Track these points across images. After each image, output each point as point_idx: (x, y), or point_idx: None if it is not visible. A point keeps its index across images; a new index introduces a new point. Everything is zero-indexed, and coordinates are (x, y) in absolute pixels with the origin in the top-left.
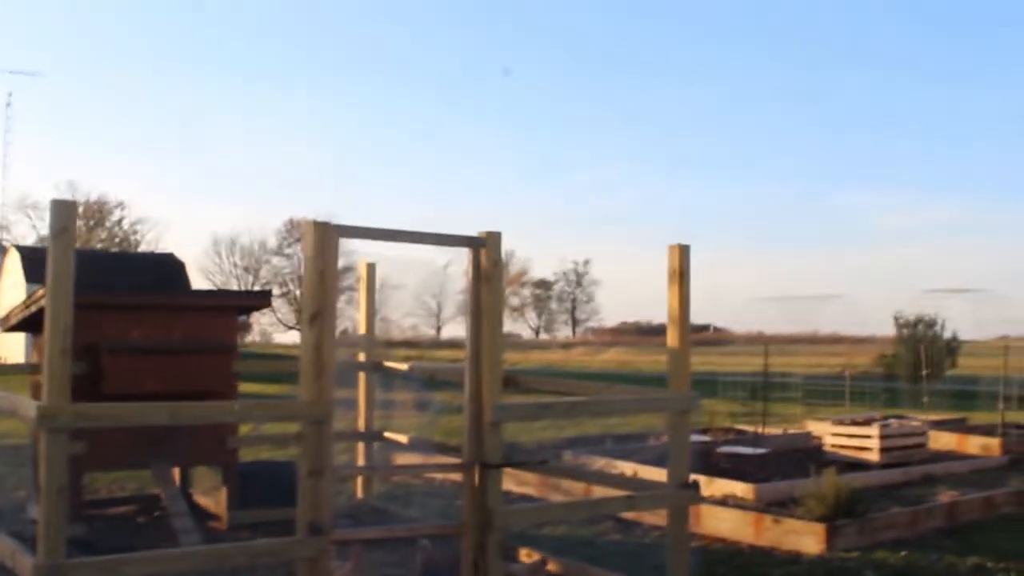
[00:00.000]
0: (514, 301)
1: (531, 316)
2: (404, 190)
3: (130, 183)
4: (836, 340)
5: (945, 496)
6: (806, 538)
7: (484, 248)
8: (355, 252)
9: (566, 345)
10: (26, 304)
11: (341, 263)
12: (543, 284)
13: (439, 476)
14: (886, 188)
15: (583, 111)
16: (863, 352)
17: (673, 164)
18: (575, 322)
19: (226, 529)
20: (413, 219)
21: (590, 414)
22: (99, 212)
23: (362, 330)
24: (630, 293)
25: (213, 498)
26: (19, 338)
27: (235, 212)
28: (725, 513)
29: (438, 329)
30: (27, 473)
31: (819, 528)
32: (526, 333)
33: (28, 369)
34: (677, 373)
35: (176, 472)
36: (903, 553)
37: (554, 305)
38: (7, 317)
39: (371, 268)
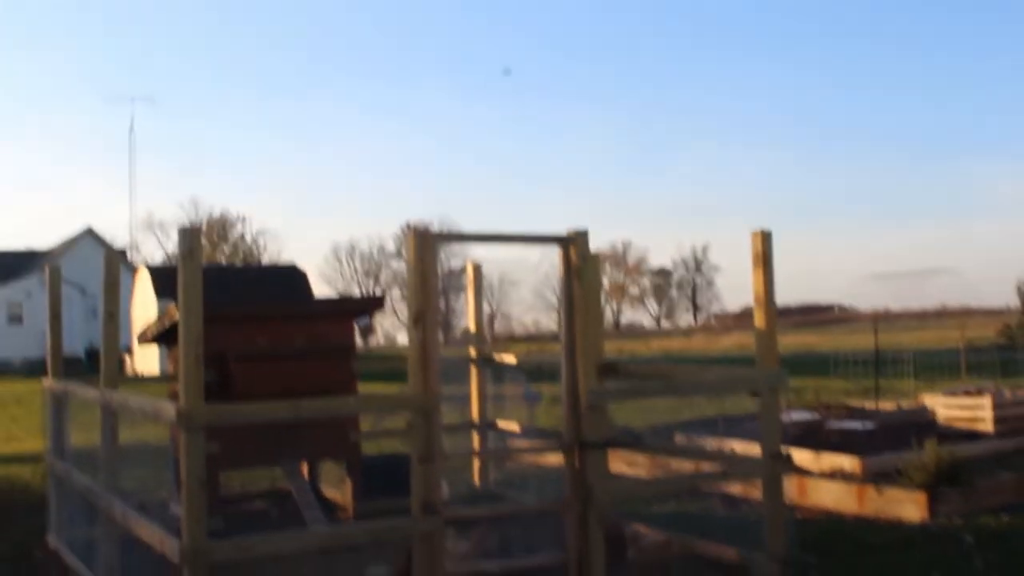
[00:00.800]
0: (634, 290)
1: (651, 304)
2: (521, 185)
3: (250, 197)
4: (964, 313)
5: None
6: (908, 506)
7: (573, 245)
8: (471, 253)
9: (687, 332)
10: (160, 320)
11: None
12: (662, 272)
13: (552, 461)
14: (1003, 156)
15: (690, 92)
16: (986, 324)
17: (786, 143)
18: (696, 308)
19: (352, 518)
20: (531, 214)
21: (679, 394)
22: (222, 227)
23: (472, 328)
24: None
25: (339, 491)
26: (154, 351)
27: (354, 219)
28: (830, 485)
29: (559, 323)
30: (168, 475)
31: (920, 496)
32: (647, 321)
33: (165, 379)
34: (765, 352)
35: (304, 467)
36: (1006, 518)
37: (674, 292)
38: (144, 332)
39: (478, 269)
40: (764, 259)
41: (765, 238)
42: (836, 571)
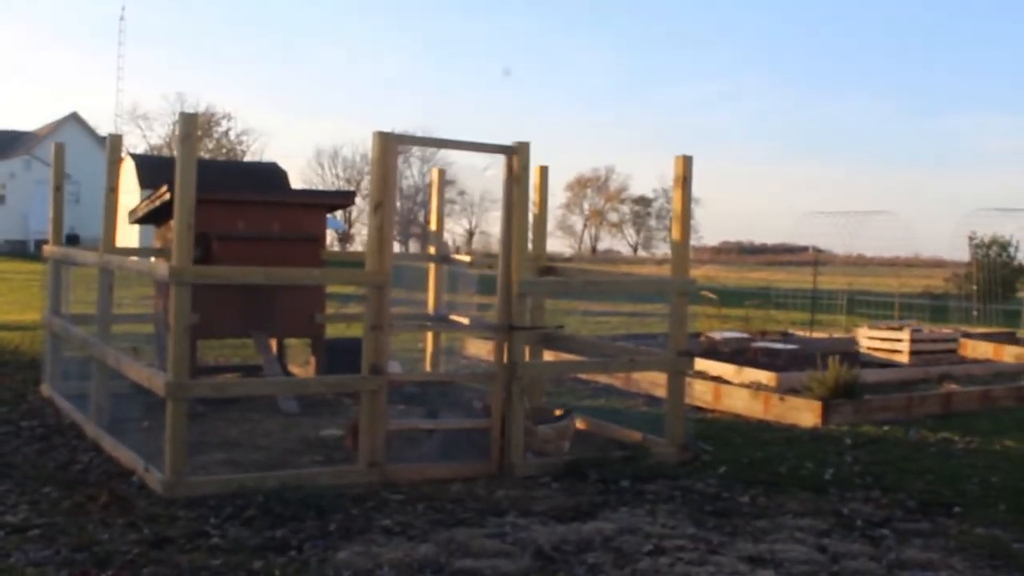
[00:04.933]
0: (613, 217)
1: (630, 232)
2: (502, 102)
3: (236, 95)
4: (937, 264)
5: (945, 387)
6: (805, 414)
7: (516, 155)
8: (455, 164)
9: (661, 262)
10: (151, 200)
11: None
12: (642, 201)
13: None
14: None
15: (685, 24)
16: (936, 274)
17: (777, 78)
18: None
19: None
20: (517, 134)
21: (600, 290)
22: (207, 123)
23: (432, 227)
24: (732, 213)
25: (304, 370)
26: (132, 233)
27: (338, 125)
28: (741, 392)
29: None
30: (151, 349)
31: (816, 405)
32: (625, 249)
33: (153, 253)
34: (678, 261)
35: (273, 344)
36: (885, 428)
37: (653, 222)
38: (135, 210)
39: (441, 173)
40: (684, 180)
41: (686, 161)
42: (725, 457)
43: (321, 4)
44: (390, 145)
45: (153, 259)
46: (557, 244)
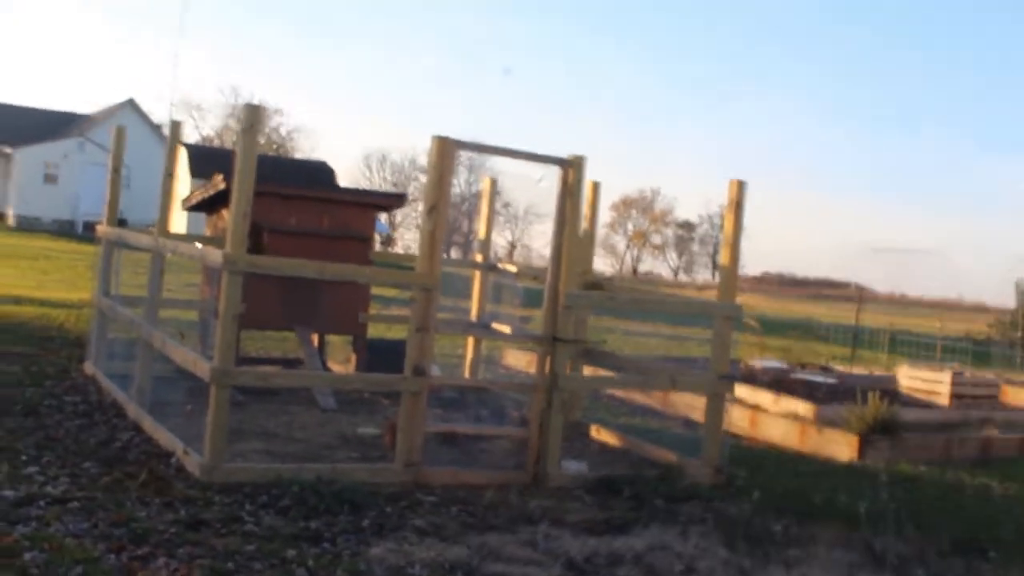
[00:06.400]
0: (656, 239)
1: (672, 256)
2: (550, 118)
3: (288, 94)
4: (979, 308)
5: (985, 432)
6: (842, 447)
7: (571, 168)
8: (503, 174)
9: (702, 287)
10: (206, 188)
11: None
12: (686, 225)
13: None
14: None
15: (736, 54)
16: (978, 318)
17: (832, 112)
18: (715, 266)
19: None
20: (554, 150)
21: (645, 308)
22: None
23: (481, 235)
24: (777, 243)
25: (344, 367)
26: (181, 222)
27: (389, 131)
28: (779, 422)
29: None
30: (194, 335)
31: (853, 440)
32: (666, 272)
33: (202, 240)
34: (726, 285)
35: (315, 339)
36: (922, 467)
37: (696, 247)
38: (189, 198)
39: (493, 182)
40: (737, 205)
41: (740, 186)
42: (759, 484)
43: (377, 6)
44: (448, 149)
45: (198, 244)
46: (598, 263)
